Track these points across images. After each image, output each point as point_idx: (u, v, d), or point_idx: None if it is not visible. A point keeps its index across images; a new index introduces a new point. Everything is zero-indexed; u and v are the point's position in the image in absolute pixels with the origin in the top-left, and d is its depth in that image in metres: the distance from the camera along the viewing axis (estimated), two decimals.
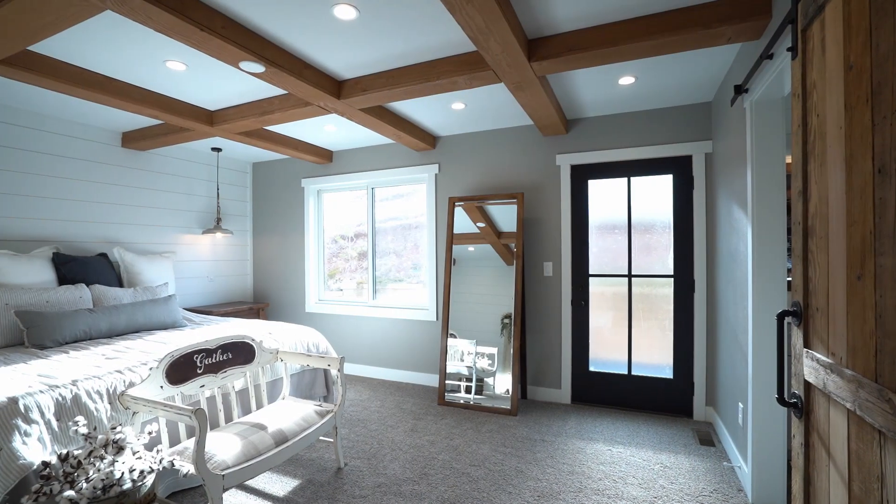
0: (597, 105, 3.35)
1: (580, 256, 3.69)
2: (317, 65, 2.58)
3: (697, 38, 2.10)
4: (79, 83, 2.57)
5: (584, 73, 2.77)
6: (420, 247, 4.41)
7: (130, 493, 1.69)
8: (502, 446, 2.85)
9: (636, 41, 2.14)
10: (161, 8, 1.79)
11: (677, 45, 2.16)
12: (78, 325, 2.77)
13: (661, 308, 3.46)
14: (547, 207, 3.77)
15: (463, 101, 3.22)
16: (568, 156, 3.68)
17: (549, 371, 3.76)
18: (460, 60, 2.50)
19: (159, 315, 3.24)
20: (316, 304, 4.83)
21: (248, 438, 2.07)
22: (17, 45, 2.07)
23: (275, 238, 5.11)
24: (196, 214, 4.61)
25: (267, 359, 2.64)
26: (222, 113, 3.32)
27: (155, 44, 2.33)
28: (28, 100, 3.10)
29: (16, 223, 3.28)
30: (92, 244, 3.74)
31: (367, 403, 3.67)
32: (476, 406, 3.53)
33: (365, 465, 2.59)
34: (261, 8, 2.00)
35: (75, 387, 1.97)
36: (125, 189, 3.97)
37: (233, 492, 2.32)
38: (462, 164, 4.11)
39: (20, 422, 1.74)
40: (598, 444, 2.89)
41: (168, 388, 2.11)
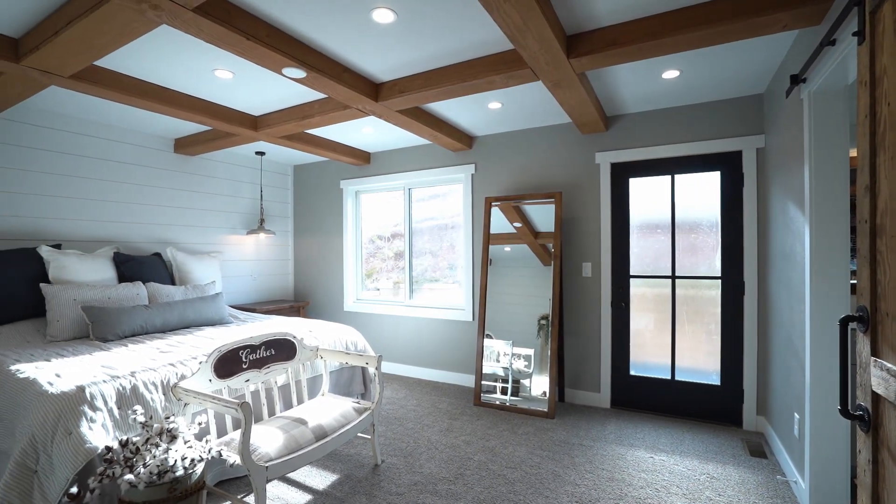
0: (638, 101, 3.25)
1: (620, 257, 3.58)
2: (355, 68, 2.64)
3: (750, 27, 1.99)
4: (137, 94, 2.74)
5: (625, 69, 2.69)
6: (456, 247, 4.42)
7: (182, 480, 1.79)
8: (539, 449, 2.81)
9: (681, 33, 2.06)
10: (210, 19, 1.87)
11: (727, 34, 2.05)
12: (135, 320, 2.95)
13: (708, 311, 3.30)
14: (586, 207, 3.68)
15: (499, 100, 3.20)
16: (608, 153, 3.58)
17: (588, 374, 3.67)
18: (497, 59, 2.48)
19: (207, 312, 3.40)
20: (354, 304, 4.93)
21: (290, 432, 2.14)
22: (85, 61, 2.23)
23: (315, 238, 5.25)
24: (241, 216, 4.81)
25: (307, 356, 2.71)
26: (266, 118, 3.45)
27: (204, 54, 2.44)
28: (93, 111, 3.33)
29: (83, 225, 3.54)
30: (147, 244, 3.98)
31: (404, 402, 3.71)
32: (512, 407, 3.49)
33: (401, 463, 2.62)
34: (302, 15, 2.06)
35: (133, 378, 2.10)
36: (177, 192, 4.20)
37: (275, 483, 2.40)
38: (498, 164, 4.08)
39: (87, 409, 1.87)
40: (640, 450, 2.79)
41: (216, 382, 2.21)
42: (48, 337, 2.79)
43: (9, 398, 2.03)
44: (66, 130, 3.45)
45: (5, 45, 2.22)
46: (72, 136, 3.48)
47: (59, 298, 2.87)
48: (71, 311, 2.87)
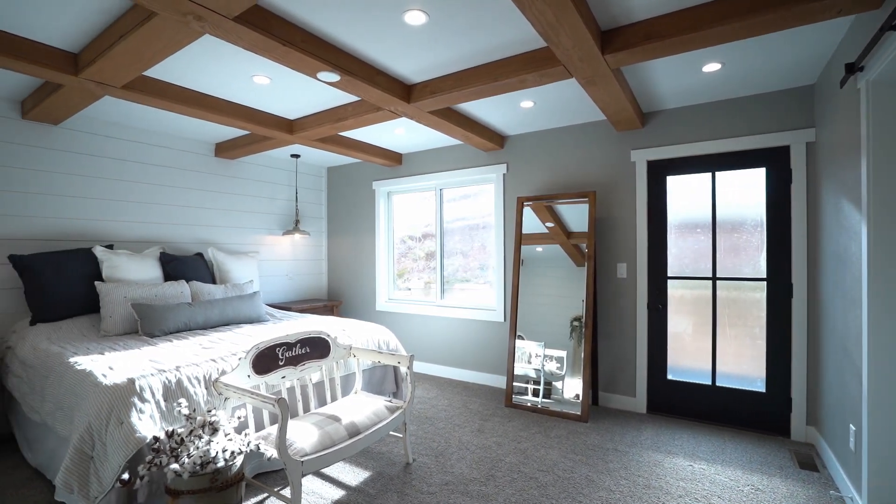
0: (677, 96, 3.13)
1: (657, 257, 3.47)
2: (388, 70, 2.67)
3: (801, 14, 1.88)
4: (181, 101, 2.87)
5: (663, 63, 2.60)
6: (487, 247, 4.40)
7: (223, 471, 1.86)
8: (572, 453, 2.75)
9: (724, 24, 1.97)
10: (249, 27, 1.94)
11: (776, 23, 1.95)
12: (180, 317, 3.09)
13: (752, 314, 3.15)
14: (621, 206, 3.59)
15: (532, 98, 3.17)
16: (644, 151, 3.48)
17: (623, 378, 3.57)
18: (529, 57, 2.46)
19: (246, 310, 3.53)
20: (386, 303, 5.00)
21: (325, 429, 2.19)
22: (135, 72, 2.36)
23: (348, 238, 5.35)
24: (277, 217, 4.96)
25: (341, 354, 2.77)
26: (301, 121, 3.55)
27: (243, 61, 2.53)
28: (141, 118, 3.52)
29: (132, 226, 3.74)
30: (190, 245, 4.16)
31: (435, 402, 3.73)
32: (544, 410, 3.45)
33: (433, 463, 2.63)
34: (336, 20, 2.10)
35: (178, 372, 2.20)
36: (217, 195, 4.38)
37: (310, 478, 2.46)
38: (531, 164, 4.04)
39: (136, 400, 1.97)
40: (678, 458, 2.69)
41: (254, 378, 2.29)
42: (102, 332, 2.96)
43: (68, 388, 2.17)
44: (118, 138, 3.66)
45: (66, 61, 2.38)
46: (122, 142, 3.68)
47: (112, 296, 3.04)
48: (122, 307, 3.04)
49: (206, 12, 1.78)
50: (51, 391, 2.29)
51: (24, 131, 3.18)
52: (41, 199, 3.26)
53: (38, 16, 2.05)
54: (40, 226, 3.26)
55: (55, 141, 3.33)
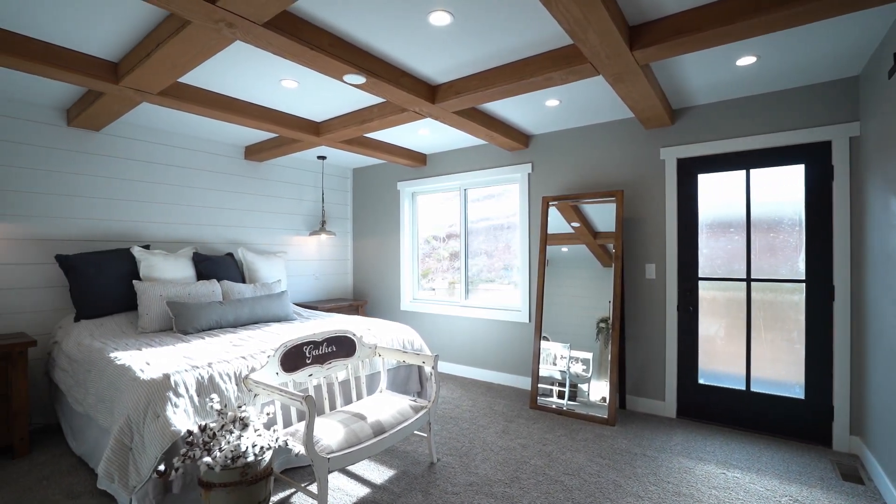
0: (708, 91, 3.04)
1: (688, 258, 3.37)
2: (413, 72, 2.68)
3: (845, 1, 1.79)
4: (213, 106, 2.97)
5: (694, 58, 2.52)
6: (511, 247, 4.37)
7: (253, 465, 1.91)
8: (598, 457, 2.70)
9: (760, 15, 1.89)
10: (278, 33, 1.99)
11: (817, 12, 1.86)
12: (211, 315, 3.19)
13: (789, 317, 3.02)
14: (649, 205, 3.50)
15: (557, 97, 3.12)
16: (674, 149, 3.38)
17: (652, 381, 3.49)
18: (555, 55, 2.43)
19: (274, 309, 3.61)
20: (410, 303, 5.03)
21: (350, 427, 2.22)
22: (171, 78, 2.45)
23: (373, 239, 5.41)
24: (304, 218, 5.06)
25: (366, 353, 2.80)
26: (327, 124, 3.61)
27: (272, 66, 2.59)
28: (175, 123, 3.65)
29: (167, 227, 3.89)
30: (221, 245, 4.29)
31: (459, 402, 3.72)
32: (570, 412, 3.39)
33: (457, 463, 2.63)
34: (362, 23, 2.13)
35: (210, 368, 2.27)
36: (247, 196, 4.50)
37: (336, 474, 2.50)
38: (556, 163, 3.99)
39: (171, 395, 2.05)
40: (710, 465, 2.61)
41: (282, 375, 2.34)
42: (139, 328, 3.09)
43: (109, 382, 2.27)
44: (154, 142, 3.81)
45: (107, 69, 2.49)
46: (158, 147, 3.83)
47: (148, 294, 3.16)
48: (157, 305, 3.16)
49: (237, 19, 1.83)
50: (93, 384, 2.40)
51: (70, 138, 3.35)
52: (84, 201, 3.42)
53: (82, 28, 2.15)
54: (84, 227, 3.42)
55: (97, 146, 3.49)
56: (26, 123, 3.16)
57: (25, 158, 3.15)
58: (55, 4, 1.96)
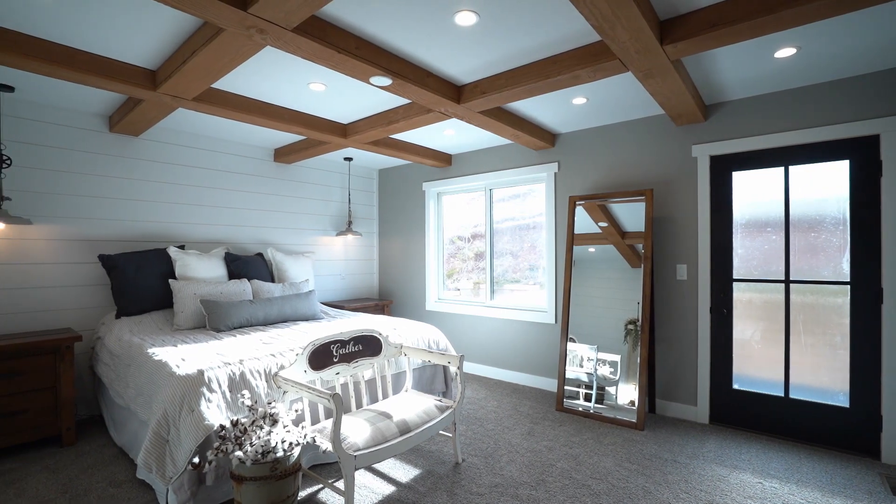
0: (744, 85, 2.92)
1: (722, 258, 3.25)
2: (438, 72, 2.69)
3: None
4: (245, 110, 3.05)
5: (729, 51, 2.44)
6: (537, 248, 4.32)
7: (282, 461, 1.95)
8: (627, 461, 2.64)
9: (802, 3, 1.81)
10: (307, 37, 2.03)
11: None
12: (242, 313, 3.29)
13: (832, 321, 2.88)
14: (680, 204, 3.40)
15: (584, 95, 3.07)
16: (706, 146, 3.27)
17: (683, 385, 3.38)
18: (582, 53, 2.38)
19: (302, 308, 3.69)
20: (435, 303, 5.04)
21: (376, 425, 2.24)
22: (205, 84, 2.53)
23: (398, 239, 5.46)
24: (331, 218, 5.15)
25: (392, 352, 2.82)
26: (354, 125, 3.66)
27: (301, 70, 2.65)
28: (209, 127, 3.78)
29: (201, 228, 4.03)
30: (251, 245, 4.41)
31: (484, 403, 3.71)
32: (597, 415, 3.33)
33: (482, 464, 2.62)
34: (389, 25, 2.15)
35: (241, 365, 2.34)
36: (276, 197, 4.61)
37: (362, 472, 2.53)
38: (583, 162, 3.92)
39: (205, 390, 2.12)
40: (745, 473, 2.51)
41: (310, 373, 2.39)
42: (174, 325, 3.21)
43: (148, 376, 2.37)
44: (188, 146, 3.95)
45: (146, 77, 2.60)
46: (192, 150, 3.97)
47: (183, 292, 3.28)
48: (192, 303, 3.27)
49: (267, 25, 1.88)
50: (133, 378, 2.51)
51: (112, 143, 3.51)
52: (125, 204, 3.58)
53: (124, 39, 2.25)
54: (124, 228, 3.58)
55: (136, 151, 3.65)
56: (73, 130, 3.33)
57: (72, 163, 3.32)
58: (100, 18, 2.06)
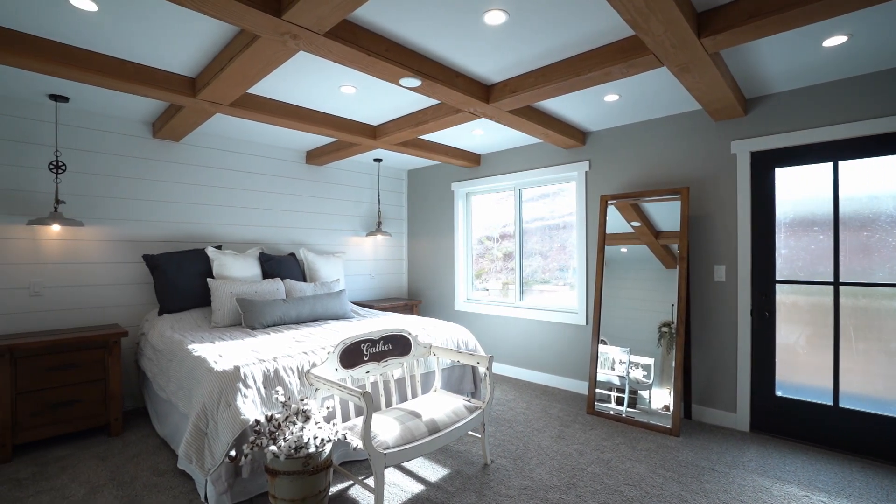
0: (788, 77, 2.79)
1: (763, 259, 3.11)
2: (467, 72, 2.69)
3: None
4: (279, 114, 3.14)
5: (772, 41, 2.33)
6: (567, 248, 4.26)
7: (314, 457, 1.99)
8: (661, 468, 2.56)
9: None
10: (338, 41, 2.06)
11: None
12: (276, 312, 3.38)
13: (887, 326, 2.70)
14: (718, 202, 3.27)
15: (617, 91, 3.00)
16: (747, 141, 3.14)
17: (721, 390, 3.25)
18: (614, 48, 2.33)
19: (333, 307, 3.76)
20: (464, 303, 5.04)
21: (406, 424, 2.26)
22: (241, 90, 2.62)
23: (427, 239, 5.49)
24: (361, 219, 5.23)
25: (421, 352, 2.84)
26: (383, 127, 3.70)
27: (332, 74, 2.70)
28: (244, 131, 3.91)
29: (236, 229, 4.17)
30: (284, 245, 4.53)
31: (513, 404, 3.68)
32: (629, 420, 3.25)
33: (511, 466, 2.60)
34: (418, 26, 2.16)
35: (275, 362, 2.41)
36: (308, 199, 4.72)
37: (391, 470, 2.55)
38: (615, 160, 3.83)
39: (241, 386, 2.19)
40: (790, 485, 2.39)
41: (341, 371, 2.43)
42: (212, 323, 3.33)
43: (188, 371, 2.47)
44: (225, 150, 4.10)
45: (186, 85, 2.71)
46: (229, 154, 4.12)
47: (220, 291, 3.41)
48: (228, 301, 3.39)
49: (300, 30, 1.92)
50: (174, 373, 2.63)
51: (154, 148, 3.69)
52: (167, 206, 3.75)
53: (167, 48, 2.36)
54: (166, 229, 3.75)
55: (177, 155, 3.81)
56: (120, 137, 3.51)
57: (119, 168, 3.50)
58: (145, 29, 2.16)
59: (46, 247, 3.20)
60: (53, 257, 3.22)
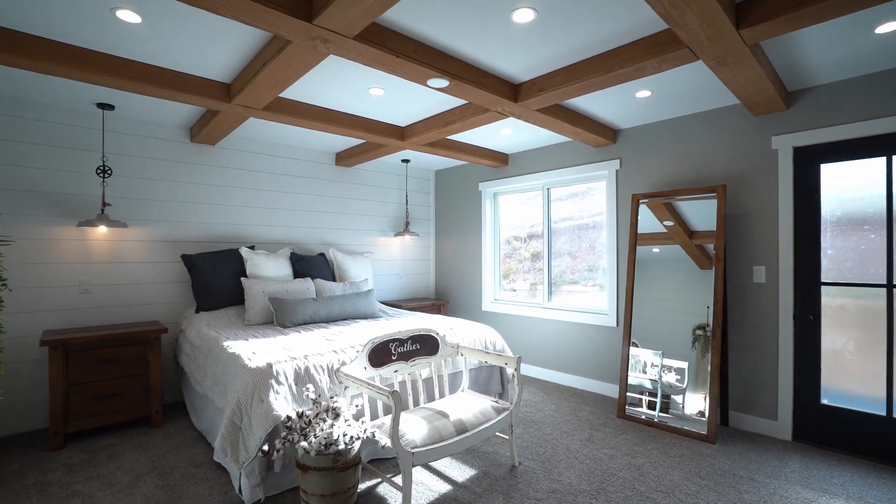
0: (835, 67, 2.64)
1: (807, 259, 2.96)
2: (495, 72, 2.67)
3: None
4: (309, 117, 3.20)
5: (817, 30, 2.21)
6: (596, 248, 4.17)
7: (343, 454, 2.02)
8: (696, 476, 2.48)
9: None
10: (367, 44, 2.09)
11: None
12: (306, 310, 3.45)
13: None
14: (758, 200, 3.14)
15: (649, 87, 2.92)
16: (789, 136, 2.99)
17: (760, 397, 3.11)
18: (646, 43, 2.27)
19: (361, 306, 3.81)
20: (491, 304, 5.02)
21: (433, 423, 2.26)
22: (273, 94, 2.69)
23: (454, 239, 5.49)
24: (389, 219, 5.28)
25: (449, 352, 2.84)
26: (411, 128, 3.72)
27: (360, 76, 2.74)
28: (275, 134, 4.01)
29: (268, 230, 4.28)
30: (314, 245, 4.63)
31: (541, 406, 3.64)
32: (662, 424, 3.15)
33: (539, 468, 2.57)
34: (446, 26, 2.16)
35: (306, 360, 2.46)
36: (337, 200, 4.80)
37: (418, 469, 2.56)
38: (647, 158, 3.73)
39: (274, 382, 2.25)
40: (838, 499, 2.26)
41: (370, 370, 2.46)
42: (245, 321, 3.44)
43: (223, 367, 2.55)
44: (258, 153, 4.22)
45: (221, 90, 2.81)
46: (261, 157, 4.24)
47: (253, 290, 3.51)
48: (261, 300, 3.49)
49: (330, 35, 1.96)
50: (210, 369, 2.72)
51: (192, 152, 3.83)
52: (203, 207, 3.89)
53: (203, 56, 2.44)
54: (202, 230, 3.89)
55: (213, 159, 3.95)
56: (160, 142, 3.67)
57: (159, 172, 3.66)
58: (184, 38, 2.25)
59: (94, 247, 3.37)
60: (100, 257, 3.39)
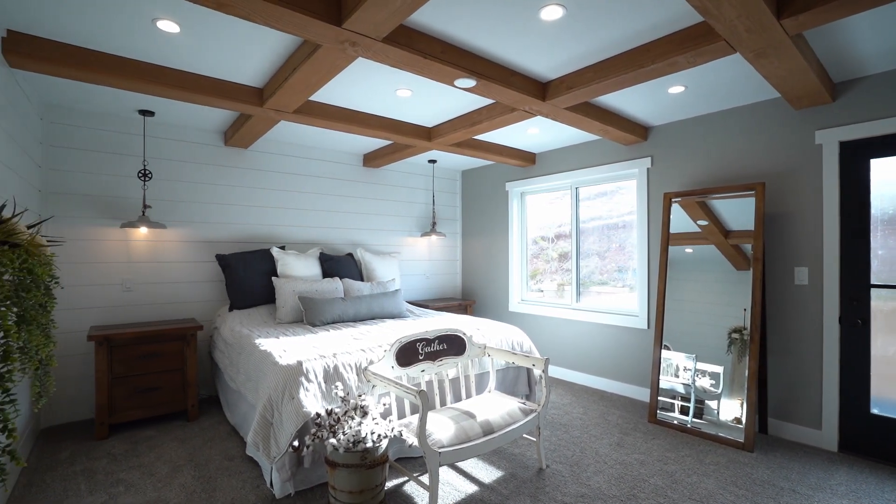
0: (886, 56, 2.49)
1: (854, 260, 2.80)
2: (523, 70, 2.65)
3: None
4: (338, 119, 3.26)
5: (866, 17, 2.09)
6: (626, 248, 4.08)
7: (371, 451, 2.05)
8: (733, 485, 2.38)
9: None
10: (395, 46, 2.11)
11: None
12: (335, 310, 3.51)
13: None
14: (800, 198, 2.99)
15: (682, 83, 2.83)
16: (834, 130, 2.84)
17: (803, 404, 2.97)
18: (680, 37, 2.20)
19: (389, 306, 3.84)
20: (518, 304, 4.97)
21: (460, 424, 2.26)
22: (304, 98, 2.75)
23: (481, 239, 5.47)
24: (415, 219, 5.31)
25: (476, 352, 2.83)
26: (438, 128, 3.73)
27: (388, 78, 2.76)
28: (305, 137, 4.10)
29: (298, 230, 4.38)
30: (342, 246, 4.70)
31: (569, 409, 3.58)
32: (695, 431, 3.05)
33: (567, 472, 2.53)
34: (473, 26, 2.16)
35: (335, 358, 2.50)
36: (365, 200, 4.87)
37: (445, 469, 2.57)
38: (680, 156, 3.62)
39: (304, 380, 2.30)
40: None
41: (397, 369, 2.48)
42: (276, 319, 3.52)
43: (255, 364, 2.63)
44: (288, 155, 4.32)
45: (254, 95, 2.89)
46: (292, 159, 4.34)
47: (284, 289, 3.59)
48: (291, 299, 3.57)
49: (359, 38, 1.98)
50: (243, 365, 2.80)
51: (226, 155, 3.96)
52: (236, 209, 4.02)
53: (237, 62, 2.52)
54: (236, 230, 4.01)
55: (245, 161, 4.07)
56: (196, 146, 3.81)
57: (196, 174, 3.80)
58: (219, 45, 2.33)
59: (135, 247, 3.53)
60: (141, 257, 3.55)
